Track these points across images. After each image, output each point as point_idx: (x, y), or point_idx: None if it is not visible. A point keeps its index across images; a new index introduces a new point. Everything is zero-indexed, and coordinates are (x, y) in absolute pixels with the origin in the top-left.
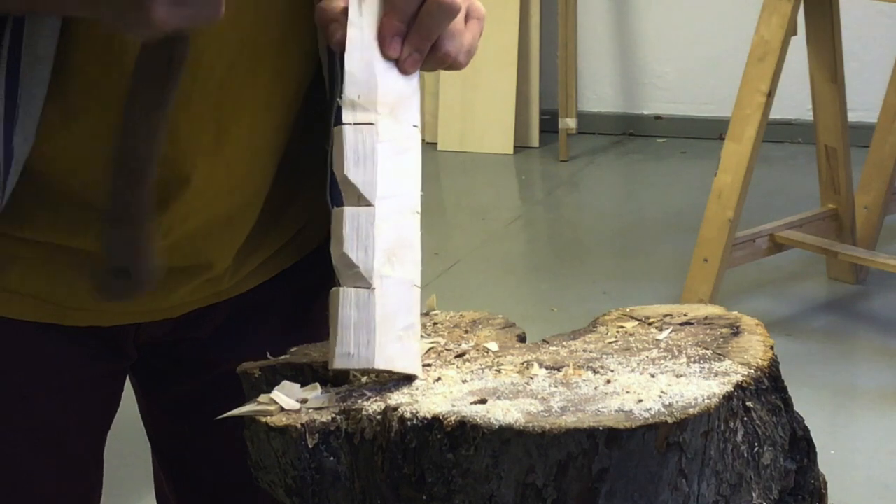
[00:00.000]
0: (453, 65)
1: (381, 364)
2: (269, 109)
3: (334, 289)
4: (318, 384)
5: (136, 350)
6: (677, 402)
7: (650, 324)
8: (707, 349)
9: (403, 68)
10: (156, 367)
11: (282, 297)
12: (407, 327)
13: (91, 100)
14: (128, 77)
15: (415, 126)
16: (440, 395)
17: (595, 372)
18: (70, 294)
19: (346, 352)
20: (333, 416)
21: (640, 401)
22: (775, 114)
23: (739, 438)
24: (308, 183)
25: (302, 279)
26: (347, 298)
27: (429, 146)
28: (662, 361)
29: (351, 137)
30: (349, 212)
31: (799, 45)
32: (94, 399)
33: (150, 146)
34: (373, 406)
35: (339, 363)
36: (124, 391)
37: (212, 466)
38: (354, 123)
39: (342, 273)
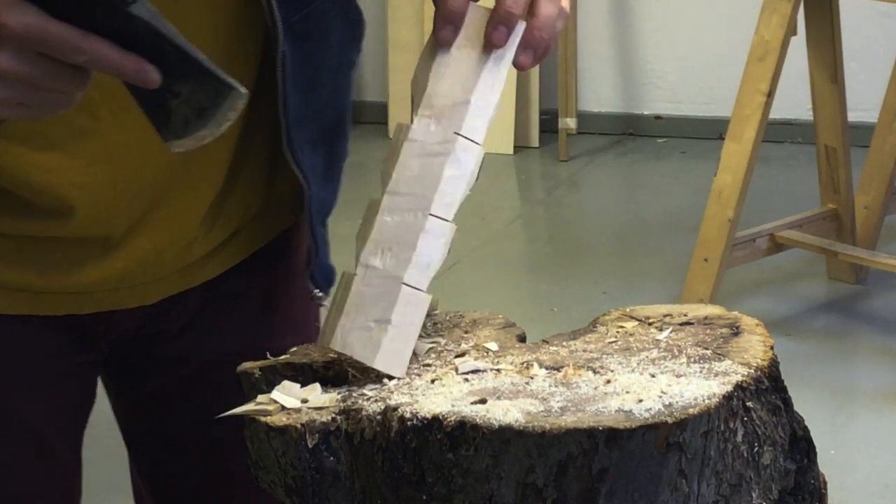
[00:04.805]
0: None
1: (333, 345)
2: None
3: (346, 270)
4: (318, 384)
5: (108, 346)
6: (677, 402)
7: (650, 324)
8: (707, 349)
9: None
10: (127, 364)
11: (250, 288)
12: (379, 321)
13: None
14: None
15: (456, 133)
16: (440, 395)
17: (595, 372)
18: (40, 276)
19: (322, 329)
20: (333, 416)
21: (640, 401)
22: (775, 114)
23: (739, 438)
24: (272, 142)
25: (270, 269)
26: (341, 280)
27: None
28: (662, 361)
29: (396, 133)
30: (375, 200)
31: (799, 45)
32: (69, 392)
33: None
34: (373, 406)
35: (319, 340)
36: (99, 397)
37: (188, 465)
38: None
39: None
